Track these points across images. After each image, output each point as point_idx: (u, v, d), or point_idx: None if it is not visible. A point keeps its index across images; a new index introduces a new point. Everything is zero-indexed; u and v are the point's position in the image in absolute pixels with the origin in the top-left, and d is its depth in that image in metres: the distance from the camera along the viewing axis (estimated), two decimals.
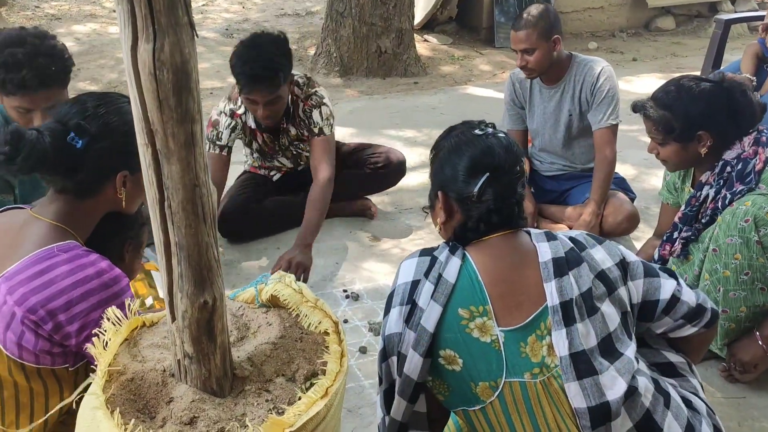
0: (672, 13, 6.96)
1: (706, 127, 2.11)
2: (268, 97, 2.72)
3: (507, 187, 1.43)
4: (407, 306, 1.40)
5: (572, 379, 1.32)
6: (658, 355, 1.59)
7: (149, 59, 0.91)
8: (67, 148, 1.47)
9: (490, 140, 1.46)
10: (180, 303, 1.08)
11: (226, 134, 2.92)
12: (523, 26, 2.77)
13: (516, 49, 2.82)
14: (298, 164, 3.19)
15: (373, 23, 5.24)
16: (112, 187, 1.56)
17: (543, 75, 2.91)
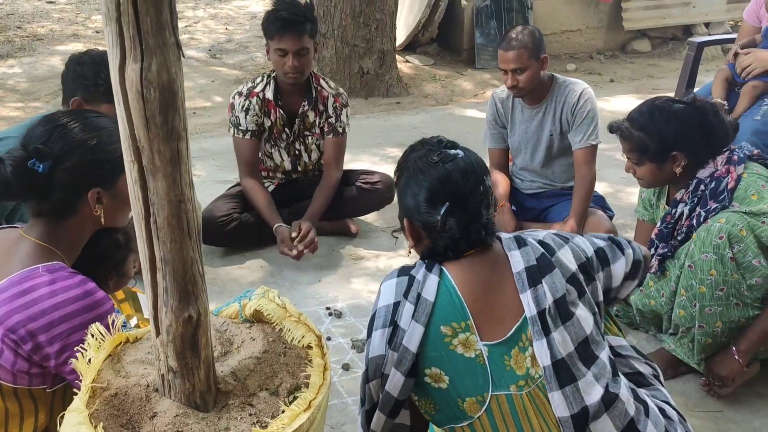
0: (648, 36, 7.11)
1: (680, 147, 2.17)
2: (297, 45, 2.87)
3: (471, 212, 1.42)
4: (389, 328, 1.40)
5: (555, 389, 1.34)
6: (627, 365, 1.62)
7: (136, 78, 0.93)
8: (29, 174, 1.46)
9: (448, 166, 1.43)
10: (165, 317, 1.10)
11: (242, 117, 3.04)
12: (513, 46, 2.81)
13: (506, 69, 2.85)
14: (296, 167, 3.21)
15: (355, 44, 5.30)
16: (88, 205, 1.54)
17: (527, 95, 2.96)
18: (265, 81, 3.06)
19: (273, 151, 3.17)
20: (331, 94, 3.10)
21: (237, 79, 5.88)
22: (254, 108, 3.03)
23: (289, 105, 3.08)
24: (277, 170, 3.22)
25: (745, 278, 2.03)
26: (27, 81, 5.70)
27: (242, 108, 3.03)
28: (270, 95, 3.04)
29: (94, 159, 1.52)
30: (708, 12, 7.07)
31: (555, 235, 1.50)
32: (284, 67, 2.92)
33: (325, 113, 3.11)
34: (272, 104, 3.05)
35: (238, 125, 3.05)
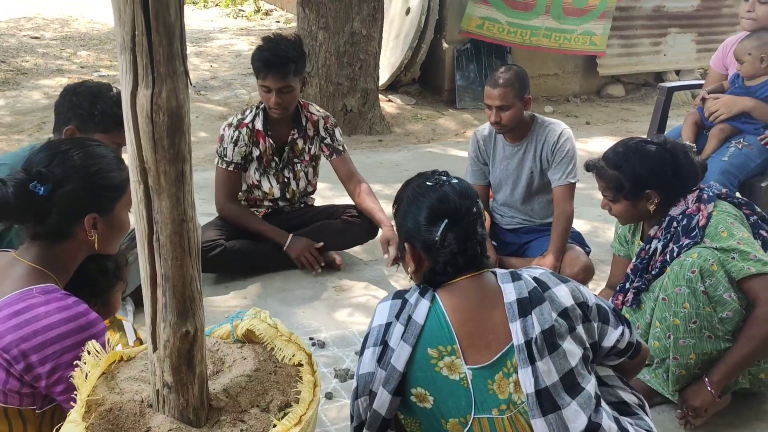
0: (621, 82, 7.37)
1: (653, 186, 2.26)
2: (281, 83, 2.96)
3: (467, 229, 1.52)
4: (380, 347, 1.48)
5: (538, 416, 1.40)
6: (613, 394, 1.68)
7: (147, 104, 1.00)
8: (30, 196, 1.50)
9: (445, 188, 1.55)
10: (162, 333, 1.14)
11: (230, 149, 3.10)
12: (500, 84, 2.92)
13: (490, 105, 2.96)
14: (284, 194, 3.27)
15: (339, 83, 5.43)
16: (83, 230, 1.58)
17: (509, 132, 3.07)
18: (254, 112, 3.14)
19: (262, 180, 3.22)
20: (320, 116, 3.22)
21: (221, 114, 5.96)
22: (243, 138, 3.10)
23: (278, 134, 3.17)
24: (264, 199, 3.27)
25: (716, 311, 2.11)
26: (10, 114, 5.72)
27: (231, 139, 3.10)
28: (259, 125, 3.12)
29: (93, 185, 1.58)
30: (678, 60, 7.37)
31: (552, 275, 1.57)
32: (269, 102, 3.02)
33: (317, 136, 3.21)
34: (261, 134, 3.13)
35: (224, 156, 3.13)
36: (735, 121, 3.13)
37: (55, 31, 8.68)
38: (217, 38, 8.92)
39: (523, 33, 6.28)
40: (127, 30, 0.95)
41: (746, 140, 3.09)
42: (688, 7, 7.21)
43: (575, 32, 6.47)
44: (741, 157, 3.05)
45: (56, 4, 10.19)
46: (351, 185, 3.28)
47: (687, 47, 7.34)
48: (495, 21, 6.17)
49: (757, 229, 2.26)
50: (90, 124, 2.23)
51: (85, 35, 8.58)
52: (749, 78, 3.10)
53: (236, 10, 10.56)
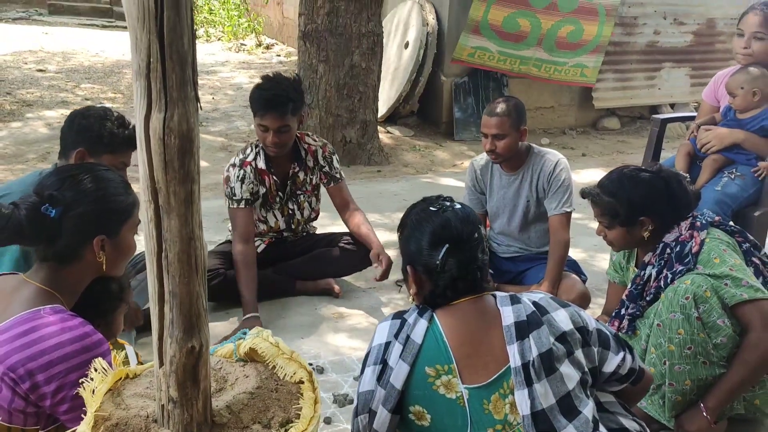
0: (617, 115, 7.49)
1: (648, 212, 2.31)
2: (278, 123, 2.97)
3: (468, 254, 1.56)
4: (380, 365, 1.51)
5: None
6: (614, 421, 1.70)
7: (160, 127, 1.05)
8: (42, 219, 1.56)
9: (447, 214, 1.60)
10: (169, 348, 1.18)
11: (238, 186, 3.10)
12: (497, 114, 2.99)
13: (486, 134, 3.02)
14: (289, 225, 3.30)
15: (338, 114, 5.53)
16: (91, 252, 1.63)
17: (505, 162, 3.13)
18: (255, 151, 3.15)
19: (267, 215, 3.25)
20: (318, 146, 3.25)
21: (221, 145, 6.05)
22: (249, 176, 3.10)
23: (281, 170, 3.19)
24: (270, 231, 3.31)
25: (710, 337, 2.13)
26: (14, 144, 5.80)
27: (238, 178, 3.09)
28: (262, 164, 3.13)
29: (102, 208, 1.63)
30: (673, 94, 7.50)
31: (552, 299, 1.60)
32: (265, 140, 3.04)
33: (317, 166, 3.25)
34: (265, 172, 3.15)
35: (233, 196, 3.10)
36: (727, 152, 3.19)
37: (59, 65, 8.82)
38: (218, 71, 9.07)
39: (512, 61, 6.39)
40: (142, 57, 1.01)
41: (739, 170, 3.15)
42: (682, 43, 7.36)
43: (567, 64, 6.59)
44: (734, 187, 3.11)
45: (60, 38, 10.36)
46: (346, 213, 3.31)
47: (681, 81, 7.48)
48: (486, 50, 6.28)
49: (750, 256, 2.30)
50: (99, 146, 2.31)
51: (88, 68, 8.72)
52: (742, 111, 3.16)
53: (238, 44, 10.74)
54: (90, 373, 1.32)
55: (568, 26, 6.36)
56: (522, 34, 6.26)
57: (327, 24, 5.34)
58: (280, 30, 10.81)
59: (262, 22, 10.84)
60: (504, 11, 6.11)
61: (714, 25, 7.40)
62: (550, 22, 6.26)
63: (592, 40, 6.55)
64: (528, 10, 6.16)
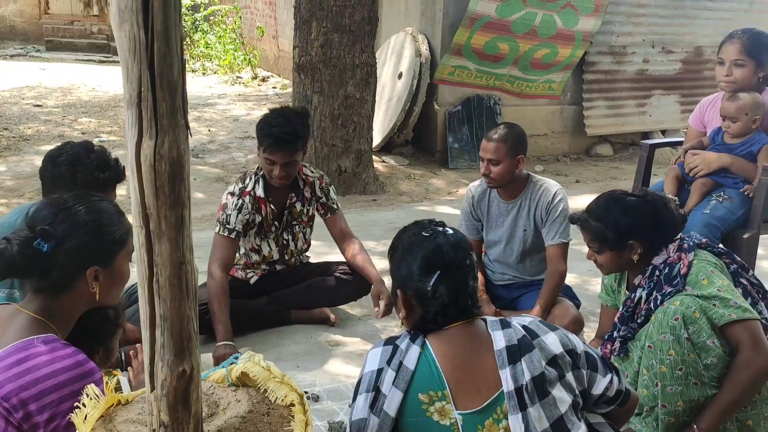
0: (609, 141, 7.57)
1: (636, 236, 2.34)
2: (287, 159, 3.01)
3: (459, 281, 1.57)
4: (372, 393, 1.51)
5: None
6: None
7: (150, 153, 1.08)
8: (34, 253, 1.57)
9: (439, 239, 1.60)
10: (160, 372, 1.19)
11: (234, 215, 3.10)
12: (495, 139, 3.03)
13: (483, 157, 3.06)
14: (283, 256, 3.31)
15: (333, 144, 5.58)
16: (85, 283, 1.64)
17: (501, 189, 3.14)
18: (254, 179, 3.17)
19: (262, 244, 3.26)
20: (315, 177, 3.28)
21: (218, 176, 6.09)
22: (247, 206, 3.11)
23: (278, 199, 3.21)
24: (262, 262, 3.31)
25: (701, 358, 2.15)
26: (12, 179, 5.83)
27: (235, 206, 3.10)
28: (260, 193, 3.15)
29: (95, 240, 1.65)
30: (663, 120, 7.60)
31: (541, 323, 1.61)
32: (271, 173, 3.06)
33: (314, 197, 3.27)
34: (263, 200, 3.17)
35: (226, 224, 3.10)
36: (715, 176, 3.23)
37: (57, 99, 8.92)
38: (215, 104, 9.17)
39: (488, 77, 6.51)
40: (134, 87, 1.05)
41: (727, 193, 3.18)
42: (671, 71, 7.48)
43: (537, 81, 6.72)
44: (722, 209, 3.14)
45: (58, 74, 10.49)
46: (344, 243, 3.32)
47: (671, 108, 7.58)
48: (465, 68, 6.39)
49: (738, 277, 2.32)
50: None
51: (86, 103, 8.81)
52: (738, 136, 3.18)
53: (234, 77, 10.88)
54: (82, 399, 1.33)
55: (544, 50, 6.50)
56: (500, 55, 6.39)
57: (321, 56, 5.43)
58: (276, 63, 10.96)
59: (257, 56, 11.00)
60: (486, 36, 6.25)
61: (701, 53, 7.54)
62: (527, 46, 6.40)
63: (564, 60, 6.68)
64: (508, 35, 6.30)
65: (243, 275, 3.32)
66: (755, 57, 3.17)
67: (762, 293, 2.34)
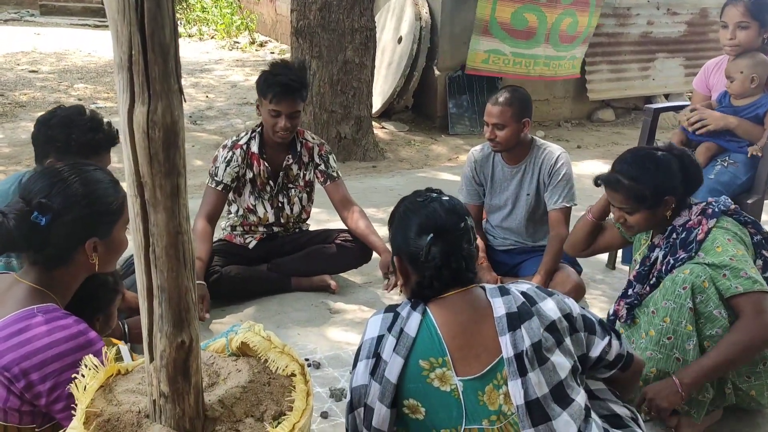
0: (611, 106, 7.48)
1: (671, 191, 2.26)
2: (293, 108, 3.02)
3: (452, 244, 1.57)
4: (372, 359, 1.51)
5: (528, 427, 1.43)
6: (605, 407, 1.71)
7: (143, 120, 1.05)
8: (31, 227, 1.55)
9: (433, 205, 1.61)
10: (159, 343, 1.17)
11: (222, 168, 3.12)
12: (500, 103, 2.99)
13: (488, 122, 3.02)
14: (278, 219, 3.30)
15: (333, 110, 5.52)
16: (83, 254, 1.62)
17: (506, 153, 3.11)
18: (250, 135, 3.18)
19: (257, 204, 3.25)
20: (315, 144, 3.27)
21: (217, 143, 6.02)
22: (237, 159, 3.13)
23: (274, 158, 3.21)
24: (259, 224, 3.30)
25: (705, 328, 2.12)
26: (8, 146, 5.78)
27: (224, 159, 3.14)
28: (255, 149, 3.16)
29: (93, 212, 1.62)
30: (667, 84, 7.49)
31: (538, 289, 1.61)
32: (275, 126, 3.05)
33: (311, 163, 3.26)
34: (257, 157, 3.16)
35: (215, 176, 3.15)
36: (720, 140, 3.19)
37: (52, 65, 8.79)
38: (213, 70, 9.05)
39: (527, 63, 6.41)
40: (124, 50, 1.01)
41: (731, 158, 3.15)
42: (675, 33, 7.35)
43: (565, 58, 6.61)
44: (727, 174, 3.11)
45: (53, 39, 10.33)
46: (345, 211, 3.31)
47: (675, 71, 7.47)
48: (500, 53, 6.27)
49: (760, 249, 2.27)
50: (68, 155, 2.20)
51: (82, 68, 8.69)
52: (737, 96, 3.15)
53: (231, 42, 10.72)
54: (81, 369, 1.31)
55: (567, 18, 6.37)
56: (531, 30, 6.26)
57: (319, 20, 5.33)
58: (274, 27, 10.79)
59: (255, 20, 10.82)
60: (511, 6, 6.11)
61: (707, 15, 7.40)
62: (553, 16, 6.26)
63: (583, 31, 6.57)
64: (533, 4, 6.16)
65: (242, 241, 3.31)
66: (759, 18, 3.11)
67: None
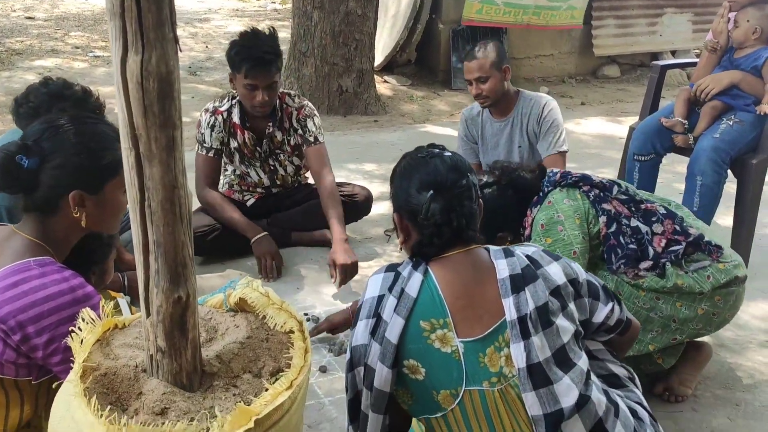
0: (617, 63, 7.36)
1: (503, 226, 2.17)
2: (269, 80, 2.90)
3: (453, 201, 1.52)
4: (373, 319, 1.49)
5: (529, 390, 1.42)
6: (603, 367, 1.71)
7: (137, 70, 1.01)
8: (16, 168, 1.52)
9: (435, 161, 1.57)
10: (155, 298, 1.16)
11: (208, 133, 3.06)
12: (476, 57, 2.98)
13: (470, 80, 3.00)
14: (274, 182, 3.27)
15: (334, 63, 5.42)
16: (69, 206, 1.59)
17: (494, 108, 3.10)
18: (231, 103, 3.07)
19: (249, 171, 3.21)
20: (294, 108, 3.14)
21: (216, 95, 5.93)
22: (219, 126, 3.06)
23: (257, 126, 3.12)
24: (257, 186, 3.28)
25: None
26: (4, 95, 5.71)
27: (208, 124, 3.07)
28: (236, 119, 3.07)
29: (80, 162, 1.58)
30: (674, 40, 7.36)
31: (544, 252, 1.58)
32: (253, 101, 2.93)
33: (291, 128, 3.15)
34: (239, 126, 3.08)
35: (203, 142, 3.09)
36: (726, 97, 3.14)
37: (47, 12, 8.63)
38: (211, 19, 8.88)
39: (516, 12, 6.35)
40: None
41: (737, 117, 3.10)
42: None
43: (561, 8, 6.51)
44: (732, 133, 3.06)
45: None
46: (318, 179, 3.12)
47: (683, 27, 7.33)
48: (492, 3, 6.24)
49: (600, 203, 2.15)
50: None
51: (77, 15, 8.53)
52: (739, 45, 3.14)
53: None
54: (78, 323, 1.31)
55: None
56: None
57: None
58: None
59: None
60: None
61: None
62: None
63: None
64: None
65: (240, 197, 3.29)
66: None
67: (635, 206, 2.18)
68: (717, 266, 2.12)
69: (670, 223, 2.17)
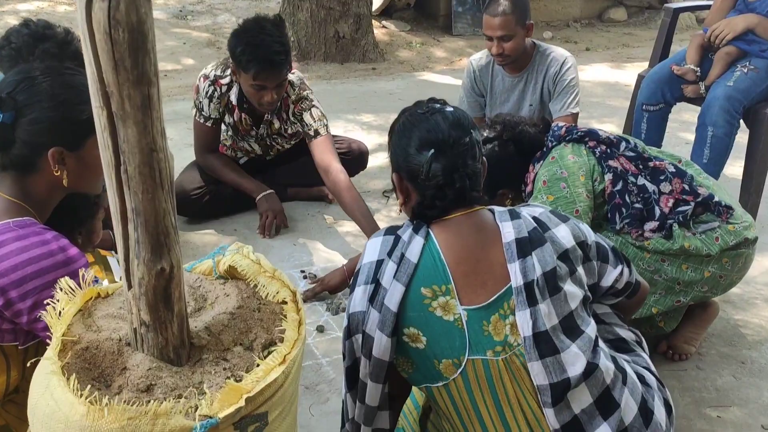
0: (624, 5, 7.12)
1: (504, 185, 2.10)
2: (280, 80, 2.70)
3: (455, 161, 1.42)
4: (371, 285, 1.40)
5: (535, 359, 1.34)
6: (611, 332, 1.64)
7: (104, 18, 0.89)
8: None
9: (435, 117, 1.45)
10: (137, 270, 1.07)
11: (206, 104, 2.91)
12: (500, 12, 2.72)
13: (491, 36, 2.77)
14: (267, 153, 3.16)
15: (330, 7, 5.22)
16: (49, 163, 1.50)
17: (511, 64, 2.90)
18: (231, 79, 2.86)
19: (243, 144, 3.11)
20: (291, 100, 2.92)
21: (208, 41, 5.76)
22: (217, 98, 2.91)
23: (254, 111, 2.94)
24: (250, 153, 3.18)
25: None
26: None
27: (206, 94, 2.89)
28: (234, 100, 2.91)
29: (58, 116, 1.47)
30: None
31: (552, 213, 1.49)
32: (261, 99, 2.73)
33: (289, 120, 2.98)
34: (236, 108, 2.94)
35: (202, 110, 2.94)
36: (741, 42, 3.01)
37: None
38: None
39: None
40: None
41: (752, 63, 2.98)
42: None
43: None
44: (746, 81, 2.94)
45: None
46: (327, 176, 2.77)
47: None
48: None
49: (607, 160, 2.06)
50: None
51: None
52: None
53: None
54: (56, 293, 1.22)
55: None
56: None
57: None
58: None
59: None
60: None
61: None
62: None
63: None
64: None
65: (232, 155, 3.18)
66: None
67: (643, 163, 2.09)
68: (726, 227, 2.04)
69: (678, 182, 2.07)
